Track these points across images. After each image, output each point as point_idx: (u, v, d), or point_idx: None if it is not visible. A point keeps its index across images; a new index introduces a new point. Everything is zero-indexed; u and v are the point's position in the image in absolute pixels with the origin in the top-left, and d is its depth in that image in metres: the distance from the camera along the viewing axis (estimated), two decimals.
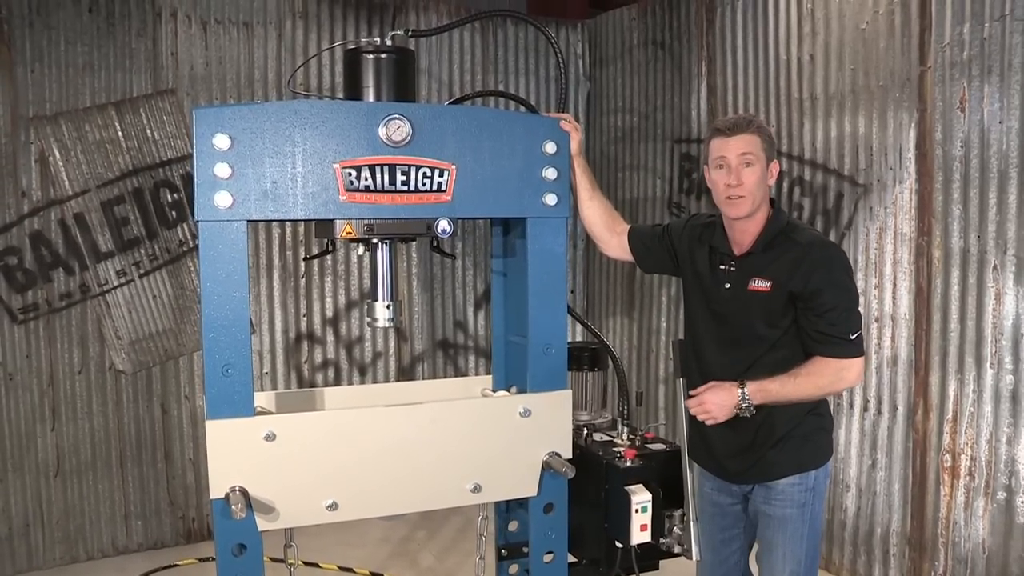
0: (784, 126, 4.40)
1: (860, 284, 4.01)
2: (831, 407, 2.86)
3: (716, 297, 2.72)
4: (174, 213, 4.82)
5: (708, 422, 2.64)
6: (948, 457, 3.65)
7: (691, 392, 2.70)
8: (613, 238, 2.95)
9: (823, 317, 2.52)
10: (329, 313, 5.33)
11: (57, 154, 4.54)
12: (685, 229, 2.89)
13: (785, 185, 4.40)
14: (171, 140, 4.79)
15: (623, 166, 5.66)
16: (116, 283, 4.73)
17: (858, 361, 2.58)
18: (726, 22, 4.77)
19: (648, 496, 2.70)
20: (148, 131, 4.74)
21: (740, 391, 2.57)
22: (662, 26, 5.30)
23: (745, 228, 2.66)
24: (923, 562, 3.78)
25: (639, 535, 2.69)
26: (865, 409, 4.03)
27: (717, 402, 2.60)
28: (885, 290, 3.91)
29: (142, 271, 4.78)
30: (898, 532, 3.89)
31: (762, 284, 2.59)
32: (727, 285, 2.68)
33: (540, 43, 5.81)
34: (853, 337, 2.53)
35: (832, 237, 4.14)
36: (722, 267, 2.71)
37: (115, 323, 4.73)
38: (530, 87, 5.82)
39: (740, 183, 2.59)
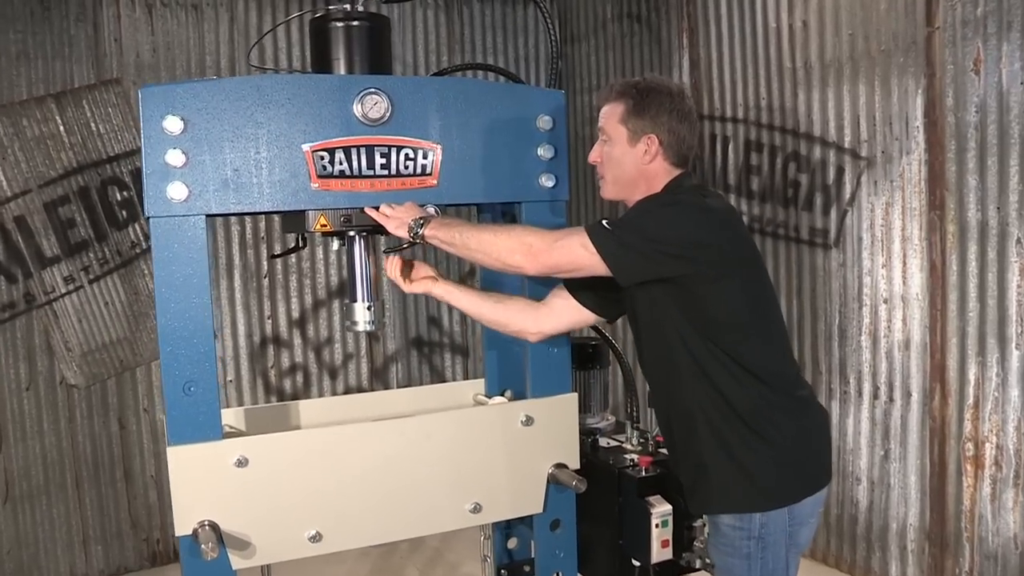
0: (776, 98, 4.15)
1: (866, 263, 3.78)
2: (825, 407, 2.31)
3: (626, 295, 2.26)
4: (124, 212, 4.48)
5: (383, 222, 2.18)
6: (970, 446, 3.42)
7: None
8: (541, 308, 2.35)
9: None
10: (295, 314, 5.01)
11: None
12: None
13: (779, 161, 4.16)
14: (118, 133, 4.43)
15: None
16: (64, 290, 4.38)
17: (565, 237, 2.05)
18: None
19: (669, 508, 2.42)
20: (92, 124, 4.39)
21: (431, 208, 2.19)
22: None
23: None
24: (945, 559, 3.55)
25: (660, 552, 2.41)
26: (875, 396, 3.80)
27: (404, 208, 2.17)
28: (894, 269, 3.67)
29: (92, 276, 4.43)
30: (916, 527, 3.66)
31: None
32: None
33: (508, 21, 5.54)
34: (602, 222, 2.03)
35: (833, 214, 3.91)
36: None
37: (64, 334, 4.38)
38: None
39: (594, 162, 2.28)
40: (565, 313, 2.34)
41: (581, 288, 2.32)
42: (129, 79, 4.45)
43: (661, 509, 2.42)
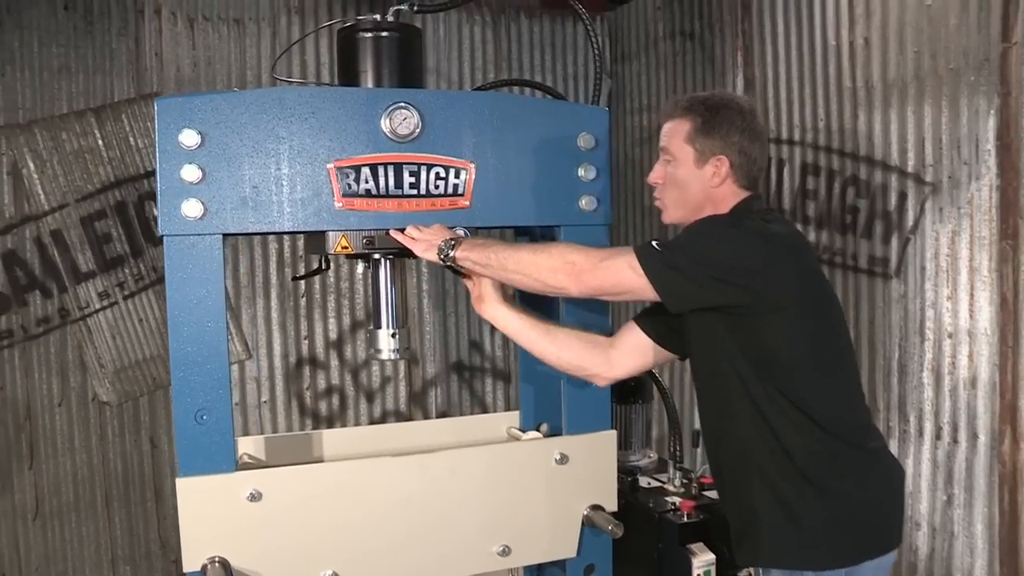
0: (835, 119, 3.95)
1: (929, 295, 3.56)
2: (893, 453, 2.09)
3: (684, 326, 2.12)
4: None
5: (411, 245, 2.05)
6: None
7: None
8: (612, 352, 2.18)
9: None
10: (333, 335, 4.90)
11: (31, 165, 4.14)
12: None
13: (837, 186, 3.95)
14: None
15: (650, 170, 5.21)
16: (98, 306, 4.32)
17: (612, 257, 1.92)
18: (764, 6, 4.32)
19: (712, 557, 2.26)
20: (131, 139, 4.34)
21: (461, 231, 2.07)
22: (691, 15, 4.87)
23: None
24: None
25: None
26: (937, 436, 3.56)
27: (433, 230, 2.05)
28: (960, 302, 3.44)
29: (126, 292, 4.37)
30: None
31: None
32: None
33: (557, 38, 5.40)
34: (652, 242, 1.90)
35: (894, 243, 3.69)
36: None
37: (98, 350, 4.32)
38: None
39: (655, 183, 2.16)
40: (639, 354, 2.18)
41: (653, 323, 2.16)
42: (169, 93, 4.40)
43: (704, 558, 2.26)
